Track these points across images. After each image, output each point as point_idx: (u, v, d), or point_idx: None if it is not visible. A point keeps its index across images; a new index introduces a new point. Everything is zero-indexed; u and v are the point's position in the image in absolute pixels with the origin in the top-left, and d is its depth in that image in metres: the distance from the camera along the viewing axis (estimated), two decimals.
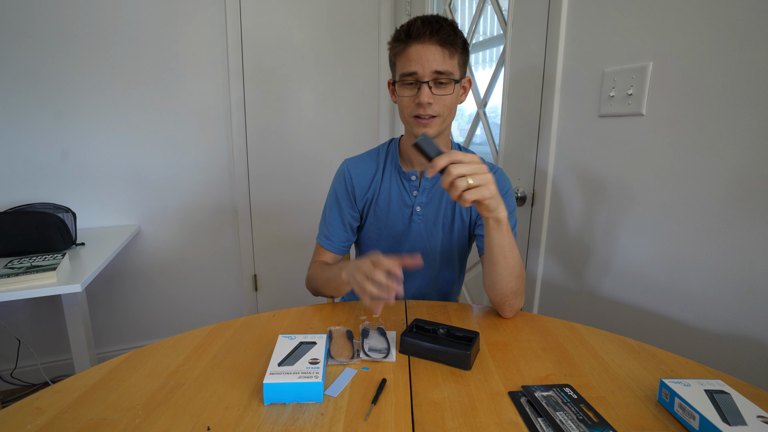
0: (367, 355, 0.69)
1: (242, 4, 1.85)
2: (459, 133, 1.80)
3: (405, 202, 0.96)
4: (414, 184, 0.95)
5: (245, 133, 1.95)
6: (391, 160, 0.98)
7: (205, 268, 2.01)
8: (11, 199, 1.65)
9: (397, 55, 0.85)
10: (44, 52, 1.60)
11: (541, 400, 0.57)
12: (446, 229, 0.96)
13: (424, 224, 0.96)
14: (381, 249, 1.00)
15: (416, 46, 0.80)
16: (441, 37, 0.79)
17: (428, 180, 0.94)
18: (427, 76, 0.81)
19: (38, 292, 1.08)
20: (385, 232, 0.98)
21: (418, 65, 0.80)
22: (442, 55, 0.80)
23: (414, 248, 0.97)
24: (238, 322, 0.83)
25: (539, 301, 1.31)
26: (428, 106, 0.82)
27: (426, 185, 0.94)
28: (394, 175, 0.96)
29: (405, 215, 0.96)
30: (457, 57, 0.83)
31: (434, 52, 0.80)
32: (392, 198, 0.96)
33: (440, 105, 0.83)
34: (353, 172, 0.98)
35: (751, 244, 0.77)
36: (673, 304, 0.91)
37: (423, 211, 0.95)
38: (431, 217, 0.95)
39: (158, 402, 0.58)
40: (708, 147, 0.82)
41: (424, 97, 0.81)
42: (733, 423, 0.48)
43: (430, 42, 0.80)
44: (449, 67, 0.81)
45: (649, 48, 0.92)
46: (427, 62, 0.80)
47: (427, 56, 0.80)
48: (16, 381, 1.76)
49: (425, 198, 0.95)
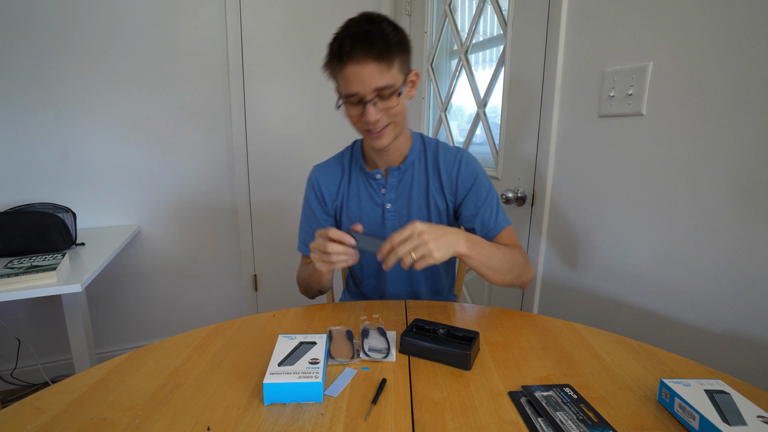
0: (367, 355, 0.69)
1: (242, 4, 1.85)
2: (459, 133, 1.80)
3: (375, 201, 0.96)
4: (380, 182, 0.95)
5: (245, 132, 1.95)
6: (355, 163, 0.98)
7: (205, 268, 2.01)
8: (11, 199, 1.65)
9: (334, 75, 0.82)
10: (44, 52, 1.60)
11: (541, 400, 0.57)
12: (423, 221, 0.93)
13: (398, 220, 0.95)
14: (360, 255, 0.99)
15: (351, 67, 0.77)
16: (374, 53, 0.76)
17: (395, 176, 0.94)
18: (369, 95, 0.79)
19: (38, 292, 1.08)
20: None
21: (358, 86, 0.78)
22: (379, 71, 0.77)
23: None
24: (238, 322, 0.83)
25: (539, 301, 1.31)
26: (377, 122, 0.81)
27: (393, 181, 0.94)
28: (360, 177, 0.97)
29: (377, 214, 0.96)
30: (397, 63, 0.79)
31: (371, 70, 0.76)
32: (362, 199, 0.96)
33: (388, 115, 0.82)
34: (320, 179, 0.99)
35: (752, 244, 0.77)
36: (673, 304, 0.91)
37: (394, 208, 0.95)
38: (404, 212, 0.95)
39: (158, 402, 0.58)
40: (708, 147, 0.82)
41: (370, 116, 0.80)
42: (733, 423, 0.48)
43: (364, 60, 0.76)
44: (389, 80, 0.78)
45: (649, 48, 0.92)
46: (366, 81, 0.77)
47: (364, 75, 0.77)
48: (16, 381, 1.76)
49: (394, 194, 0.95)
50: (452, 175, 0.93)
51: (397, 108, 0.82)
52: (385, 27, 0.78)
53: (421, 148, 0.96)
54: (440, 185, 0.94)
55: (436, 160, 0.95)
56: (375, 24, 0.78)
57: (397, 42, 0.79)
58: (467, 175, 0.93)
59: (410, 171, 0.95)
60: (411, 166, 0.95)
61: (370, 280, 1.04)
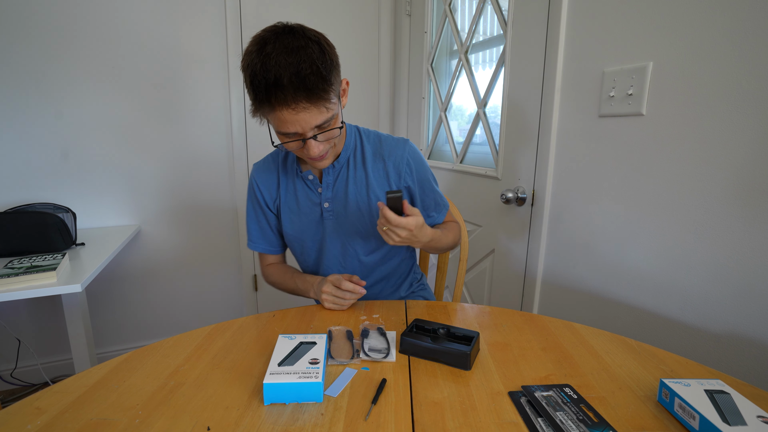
0: (367, 355, 0.69)
1: (242, 5, 1.85)
2: (459, 133, 1.80)
3: (312, 201, 0.94)
4: (315, 182, 0.93)
5: (245, 132, 1.95)
6: (290, 163, 0.95)
7: (205, 268, 2.01)
8: (11, 199, 1.65)
9: (264, 116, 0.74)
10: (44, 52, 1.60)
11: (541, 400, 0.57)
12: (364, 216, 0.93)
13: (336, 219, 0.94)
14: (308, 253, 1.00)
15: (285, 112, 0.69)
16: (311, 97, 0.68)
17: (330, 174, 0.91)
18: (309, 133, 0.74)
19: (38, 292, 1.08)
20: (304, 234, 0.97)
21: (296, 127, 0.72)
22: (318, 111, 0.71)
23: (336, 245, 0.97)
24: (238, 322, 0.83)
25: (539, 301, 1.31)
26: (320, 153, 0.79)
27: (329, 180, 0.91)
28: (295, 178, 0.94)
29: (316, 214, 0.94)
30: (331, 90, 0.72)
31: (309, 113, 0.70)
32: (299, 199, 0.94)
33: (330, 141, 0.80)
34: (258, 179, 0.97)
35: (752, 244, 0.77)
36: (673, 304, 0.91)
37: (332, 207, 0.93)
38: (341, 210, 0.93)
39: (158, 402, 0.58)
40: (708, 147, 0.82)
41: (313, 151, 0.76)
42: (733, 423, 0.48)
43: (299, 105, 0.68)
44: (328, 113, 0.72)
45: (649, 48, 0.92)
46: (306, 123, 0.71)
47: (302, 119, 0.70)
48: (16, 381, 1.76)
49: (331, 193, 0.92)
50: (399, 165, 0.92)
51: (337, 133, 0.79)
52: (312, 54, 0.68)
53: (356, 143, 0.94)
54: (386, 175, 0.93)
55: (379, 152, 0.93)
56: (299, 53, 0.67)
57: (328, 70, 0.70)
58: (416, 166, 0.94)
59: (345, 168, 0.92)
60: (345, 163, 0.92)
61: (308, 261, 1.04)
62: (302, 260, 1.04)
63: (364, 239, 0.97)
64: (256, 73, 0.68)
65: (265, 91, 0.68)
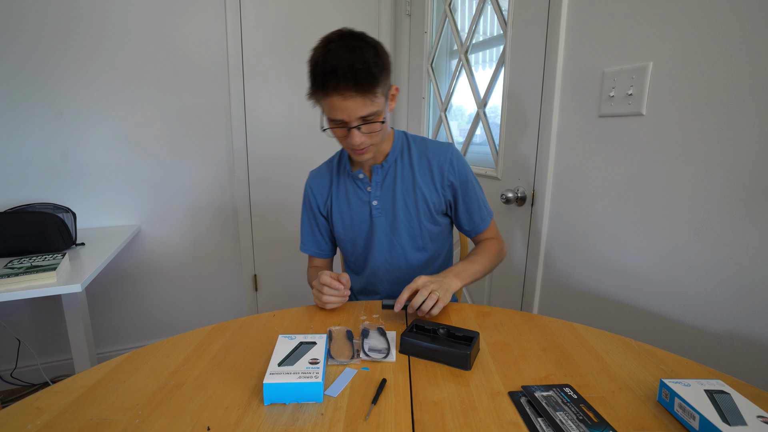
0: (367, 355, 0.69)
1: (242, 5, 1.85)
2: (459, 133, 1.80)
3: (362, 199, 1.00)
4: (364, 181, 0.99)
5: (245, 132, 1.95)
6: (343, 166, 1.03)
7: (205, 268, 2.01)
8: (11, 199, 1.65)
9: (319, 101, 0.84)
10: (44, 52, 1.60)
11: (541, 400, 0.57)
12: (411, 215, 0.99)
13: (384, 216, 0.99)
14: (358, 251, 1.05)
15: (336, 100, 0.79)
16: (359, 88, 0.77)
17: (379, 174, 0.98)
18: (354, 122, 0.82)
19: (38, 292, 1.08)
20: (354, 233, 1.03)
21: (343, 114, 0.81)
22: (363, 103, 0.80)
23: (383, 242, 1.01)
24: (238, 322, 0.83)
25: (539, 301, 1.31)
26: (361, 144, 0.85)
27: (377, 180, 0.98)
28: (347, 178, 1.02)
29: (366, 212, 1.00)
30: (380, 89, 0.81)
31: (356, 102, 0.79)
32: (350, 199, 1.01)
33: (372, 137, 0.87)
34: (312, 184, 1.06)
35: (752, 244, 0.77)
36: (673, 304, 0.91)
37: (380, 204, 0.99)
38: (389, 207, 0.99)
39: (158, 402, 0.58)
40: (708, 147, 0.82)
41: (355, 140, 0.84)
42: (733, 423, 0.48)
43: (349, 95, 0.78)
44: (373, 107, 0.81)
45: (649, 48, 0.92)
46: (351, 112, 0.80)
47: (349, 107, 0.80)
48: (16, 381, 1.76)
49: (379, 191, 0.99)
50: (445, 172, 0.98)
51: (378, 133, 0.87)
52: (366, 55, 0.78)
53: (403, 145, 1.00)
54: (431, 181, 0.98)
55: (425, 156, 0.99)
56: (356, 52, 0.77)
57: (379, 69, 0.79)
58: (459, 165, 0.98)
59: (393, 168, 0.99)
60: (393, 164, 0.99)
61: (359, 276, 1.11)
62: (352, 260, 1.09)
63: (411, 236, 1.01)
64: (318, 63, 0.80)
65: (322, 78, 0.79)
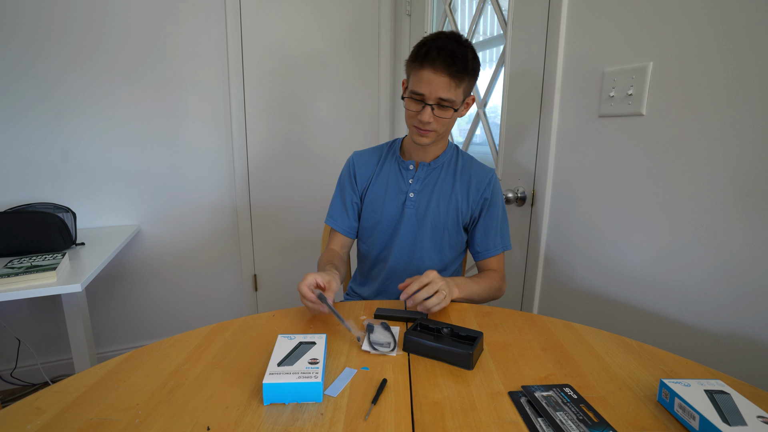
0: (374, 349, 0.70)
1: (242, 5, 1.85)
2: (459, 133, 1.80)
3: (400, 188, 1.06)
4: (411, 172, 1.06)
5: (245, 132, 1.95)
6: (392, 153, 1.10)
7: (205, 268, 2.01)
8: (11, 199, 1.65)
9: (411, 73, 0.93)
10: (45, 52, 1.60)
11: (541, 400, 0.57)
12: (440, 216, 1.04)
13: (415, 210, 1.05)
14: (380, 236, 1.08)
15: (428, 72, 0.88)
16: (452, 70, 0.87)
17: (424, 170, 1.05)
18: (431, 100, 0.90)
19: (38, 292, 1.08)
20: (383, 216, 1.07)
21: (426, 89, 0.89)
22: (448, 85, 0.88)
23: (408, 233, 1.06)
24: (238, 322, 0.83)
25: (539, 301, 1.31)
26: (428, 124, 0.93)
27: (421, 175, 1.05)
28: (393, 165, 1.08)
29: (399, 201, 1.05)
30: (464, 85, 0.91)
31: (443, 81, 0.88)
32: (389, 184, 1.07)
33: (439, 124, 0.94)
34: (357, 161, 1.11)
35: (752, 244, 0.77)
36: (673, 304, 0.91)
37: (416, 198, 1.04)
38: (423, 203, 1.04)
39: (158, 402, 0.58)
40: (708, 147, 0.82)
41: (425, 116, 0.91)
42: (733, 423, 0.48)
43: (441, 72, 0.87)
44: (453, 95, 0.90)
45: (649, 48, 0.92)
46: (435, 88, 0.89)
47: (435, 83, 0.88)
48: (16, 381, 1.76)
49: (419, 186, 1.05)
50: (481, 189, 1.04)
51: (446, 121, 0.94)
52: (468, 53, 0.90)
53: (453, 155, 1.08)
54: (467, 193, 1.04)
55: (468, 170, 1.06)
56: (461, 47, 0.89)
57: (471, 69, 0.91)
58: (494, 188, 1.05)
59: (438, 170, 1.05)
60: (440, 166, 1.06)
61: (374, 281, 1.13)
62: (369, 247, 1.12)
63: (433, 235, 1.05)
64: (427, 41, 0.90)
65: (425, 52, 0.88)
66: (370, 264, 1.14)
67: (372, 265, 1.13)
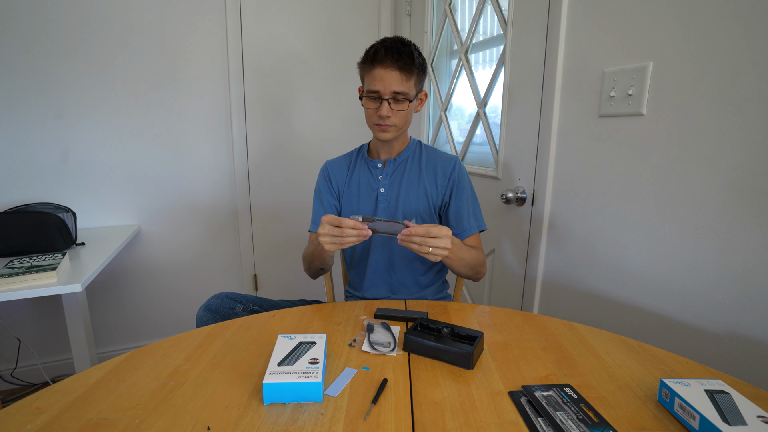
0: (375, 349, 0.70)
1: (242, 6, 1.85)
2: (459, 133, 1.80)
3: (371, 186, 1.11)
4: (379, 170, 1.11)
5: (245, 133, 1.95)
6: (361, 156, 1.16)
7: (205, 268, 2.01)
8: (11, 199, 1.64)
9: (365, 74, 1.01)
10: (45, 52, 1.60)
11: (542, 400, 0.57)
12: (411, 204, 1.08)
13: (387, 203, 1.09)
14: None
15: (379, 70, 0.96)
16: (400, 64, 0.95)
17: (391, 166, 1.10)
18: (387, 95, 0.97)
19: (38, 292, 1.08)
20: (359, 212, 1.11)
21: (381, 85, 0.97)
22: (400, 78, 0.96)
23: None
24: (238, 322, 0.83)
25: (539, 301, 1.31)
26: (387, 118, 0.99)
27: (388, 171, 1.10)
28: (362, 166, 1.14)
29: (372, 198, 1.11)
30: (414, 78, 0.99)
31: (394, 76, 0.96)
32: (361, 184, 1.12)
33: (397, 117, 1.00)
34: (330, 167, 1.17)
35: (752, 244, 0.77)
36: (673, 304, 0.91)
37: (387, 192, 1.10)
38: (393, 196, 1.09)
39: (158, 402, 0.58)
40: (708, 147, 0.82)
41: (383, 111, 0.98)
42: (733, 423, 0.48)
43: (391, 67, 0.95)
44: (405, 88, 0.98)
45: (649, 48, 0.92)
46: (388, 83, 0.96)
47: (387, 78, 0.96)
48: (16, 381, 1.76)
49: (388, 181, 1.10)
50: (447, 173, 1.09)
51: (403, 113, 1.01)
52: (413, 50, 0.98)
53: (417, 149, 1.13)
54: (434, 179, 1.09)
55: (433, 159, 1.11)
56: (406, 45, 0.97)
57: (418, 64, 0.99)
58: (459, 172, 1.09)
59: (404, 164, 1.11)
60: (405, 160, 1.11)
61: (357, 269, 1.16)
62: (351, 248, 1.14)
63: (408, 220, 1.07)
64: (374, 45, 0.99)
65: (373, 53, 0.97)
66: (356, 263, 1.16)
67: (358, 263, 1.15)
